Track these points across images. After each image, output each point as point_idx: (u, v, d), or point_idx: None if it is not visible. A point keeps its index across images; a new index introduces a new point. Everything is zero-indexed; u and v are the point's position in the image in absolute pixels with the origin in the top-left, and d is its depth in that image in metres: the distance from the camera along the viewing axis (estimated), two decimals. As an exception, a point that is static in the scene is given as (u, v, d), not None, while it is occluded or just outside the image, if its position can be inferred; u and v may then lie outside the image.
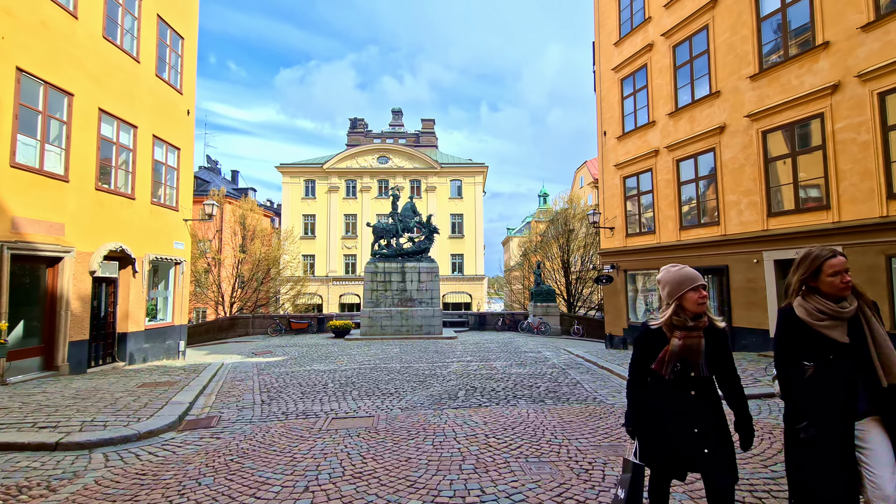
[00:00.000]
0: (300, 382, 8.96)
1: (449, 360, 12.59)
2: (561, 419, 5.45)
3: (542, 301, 24.27)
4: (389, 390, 7.81)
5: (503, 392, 7.40)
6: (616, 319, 15.95)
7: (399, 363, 12.03)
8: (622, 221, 15.61)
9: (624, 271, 15.59)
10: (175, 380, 9.20)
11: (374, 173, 39.67)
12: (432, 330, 21.22)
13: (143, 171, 12.26)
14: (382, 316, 21.13)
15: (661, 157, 13.98)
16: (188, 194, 14.40)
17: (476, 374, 9.63)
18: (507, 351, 14.89)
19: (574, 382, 8.32)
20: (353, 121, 44.75)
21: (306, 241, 38.53)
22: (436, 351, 15.19)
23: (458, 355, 13.76)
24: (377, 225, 22.47)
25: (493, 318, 25.45)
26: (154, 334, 12.81)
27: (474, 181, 39.92)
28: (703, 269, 12.63)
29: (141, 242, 12.14)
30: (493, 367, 10.61)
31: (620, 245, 15.67)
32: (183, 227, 14.03)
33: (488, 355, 13.61)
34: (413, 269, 21.62)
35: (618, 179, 15.81)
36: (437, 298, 21.80)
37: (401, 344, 17.80)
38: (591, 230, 30.47)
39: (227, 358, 15.05)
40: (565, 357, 13.09)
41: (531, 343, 18.01)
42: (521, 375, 9.25)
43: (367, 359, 13.19)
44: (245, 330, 23.80)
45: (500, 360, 12.19)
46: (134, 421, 5.38)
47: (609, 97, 16.35)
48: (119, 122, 11.38)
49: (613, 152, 16.06)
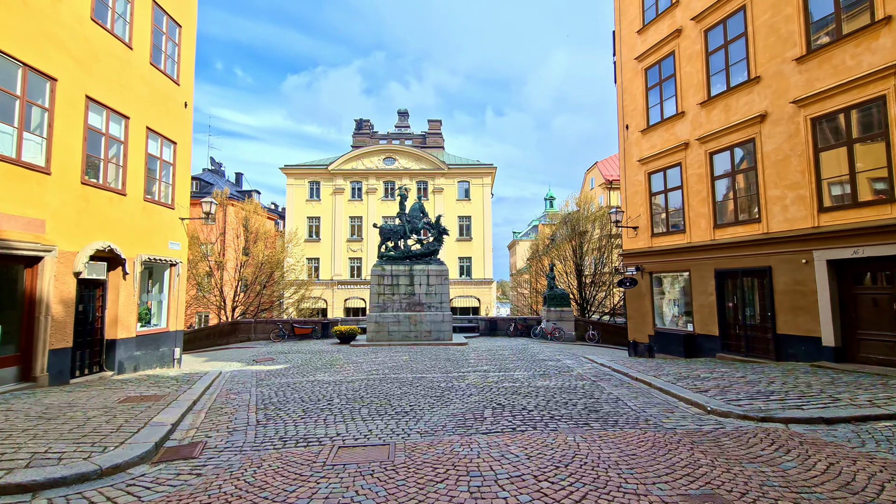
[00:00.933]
0: (302, 397, 7.99)
1: (464, 369, 11.59)
2: (620, 451, 4.44)
3: (556, 305, 23.20)
4: (404, 407, 6.83)
5: (536, 411, 6.40)
6: (640, 325, 14.89)
7: (410, 373, 11.05)
8: (647, 220, 14.58)
9: (649, 273, 14.55)
10: (164, 392, 8.26)
11: (380, 174, 38.83)
12: (442, 336, 20.22)
13: (136, 166, 11.41)
14: (390, 321, 20.17)
15: (692, 150, 12.96)
16: (185, 192, 13.54)
17: (498, 387, 8.62)
18: (524, 359, 13.87)
19: (613, 399, 7.30)
20: (359, 122, 43.99)
21: (311, 243, 37.69)
22: (447, 359, 14.20)
23: (472, 364, 12.75)
24: (384, 226, 21.56)
25: (505, 323, 24.42)
26: (147, 341, 11.90)
27: (482, 182, 38.97)
28: (742, 271, 11.59)
29: (132, 242, 11.26)
30: (514, 379, 9.60)
31: (645, 246, 14.64)
32: (179, 227, 13.16)
33: (505, 364, 12.59)
34: (422, 272, 20.66)
35: (642, 176, 14.80)
36: (447, 302, 20.81)
37: (409, 351, 16.81)
38: (605, 232, 29.42)
39: (226, 366, 14.13)
40: (589, 366, 12.05)
41: (547, 350, 16.97)
42: (550, 389, 8.23)
43: (375, 367, 12.21)
44: (247, 335, 22.91)
45: (519, 370, 11.17)
46: (98, 451, 4.43)
47: (631, 88, 15.37)
48: (109, 111, 10.54)
49: (637, 147, 15.07)
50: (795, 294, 10.30)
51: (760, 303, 11.33)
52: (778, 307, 10.67)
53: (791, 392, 6.87)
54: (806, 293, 10.09)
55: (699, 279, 12.74)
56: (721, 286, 12.18)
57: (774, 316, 10.73)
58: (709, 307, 12.44)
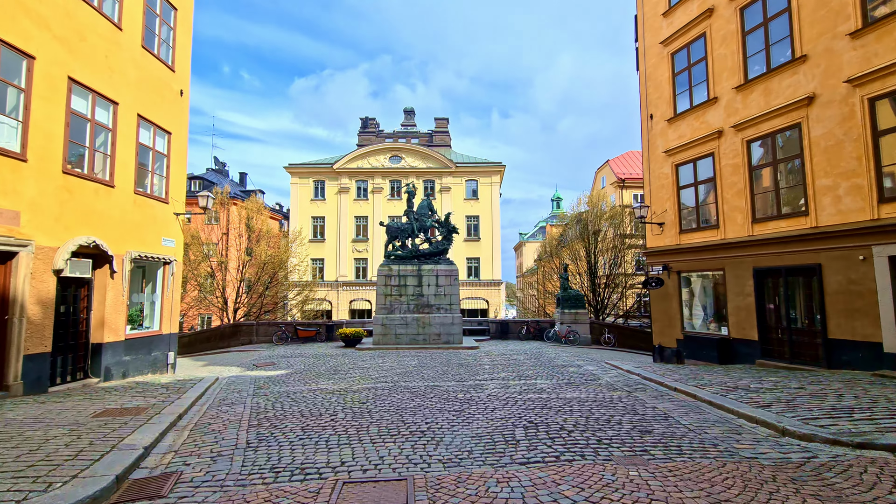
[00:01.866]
0: (302, 409, 7.07)
1: (479, 376, 10.62)
2: (708, 495, 3.45)
3: (571, 307, 22.16)
4: (419, 425, 5.88)
5: (578, 432, 5.42)
6: (667, 329, 13.85)
7: (421, 380, 10.10)
8: (674, 216, 13.55)
9: (677, 273, 13.52)
10: (149, 403, 7.36)
11: (387, 173, 37.98)
12: (452, 339, 19.25)
13: (125, 156, 10.56)
14: (397, 323, 19.23)
15: (726, 138, 11.94)
16: (181, 185, 12.69)
17: (523, 399, 7.65)
18: (543, 365, 12.87)
19: (661, 415, 6.31)
20: (364, 120, 43.20)
21: (315, 244, 36.88)
22: (460, 364, 13.23)
23: (487, 370, 11.78)
24: (391, 224, 20.63)
25: (516, 325, 23.42)
26: (137, 345, 11.04)
27: (490, 181, 38.01)
28: (786, 269, 10.54)
29: (121, 238, 10.41)
30: (539, 389, 8.62)
31: (672, 243, 13.61)
32: (174, 222, 12.31)
33: (524, 371, 11.61)
34: (430, 272, 19.72)
35: (668, 168, 13.78)
36: (457, 304, 19.85)
37: (418, 355, 15.86)
38: (620, 231, 28.36)
39: (224, 371, 13.26)
40: (615, 374, 11.05)
41: (564, 355, 15.95)
42: (584, 403, 7.24)
43: (383, 374, 11.28)
44: (249, 338, 22.06)
45: (541, 378, 10.19)
46: (39, 489, 3.51)
47: (656, 75, 14.37)
48: (95, 95, 9.70)
49: (662, 137, 14.06)
50: (851, 295, 9.25)
51: (807, 304, 10.28)
52: (829, 309, 9.62)
53: (875, 409, 5.86)
54: (863, 293, 9.04)
55: (735, 279, 11.70)
56: (760, 286, 11.14)
57: (825, 319, 9.68)
58: (746, 309, 11.40)
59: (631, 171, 37.68)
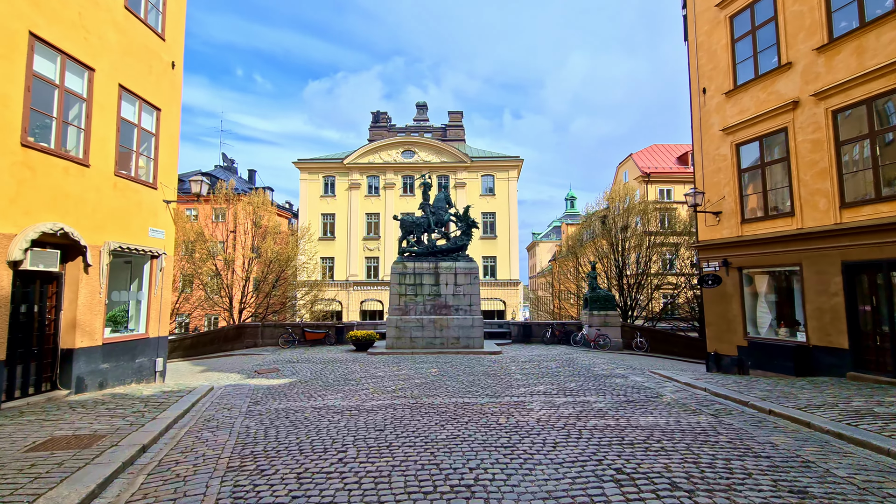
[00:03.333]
0: (302, 440, 5.49)
1: (515, 390, 8.96)
2: None
3: (600, 309, 20.36)
4: (461, 473, 4.24)
5: (703, 496, 3.69)
6: (725, 334, 12.03)
7: (447, 394, 8.47)
8: (734, 203, 11.74)
9: (737, 269, 11.70)
10: (112, 428, 5.85)
11: (399, 168, 36.46)
12: (472, 343, 17.61)
13: (104, 131, 9.12)
14: (412, 325, 17.65)
15: (804, 109, 10.12)
16: (172, 169, 11.24)
17: (586, 426, 5.97)
18: (581, 375, 11.17)
19: (791, 457, 4.59)
20: (376, 114, 41.74)
21: (325, 242, 35.50)
22: (486, 373, 11.59)
23: (521, 382, 10.12)
24: (405, 218, 19.05)
25: (540, 328, 21.66)
26: (118, 350, 9.58)
27: (508, 176, 36.28)
28: (888, 263, 8.70)
29: (98, 226, 8.97)
30: (598, 412, 6.93)
31: (732, 234, 11.79)
32: (163, 211, 10.86)
33: (564, 383, 9.92)
34: (448, 270, 18.10)
35: (727, 148, 11.98)
36: (477, 305, 18.20)
37: (437, 361, 14.25)
38: (650, 226, 26.45)
39: (222, 378, 11.80)
40: (673, 388, 9.32)
41: (599, 362, 14.21)
42: (669, 434, 5.54)
43: (401, 385, 9.68)
44: (253, 340, 20.66)
45: (591, 394, 8.49)
46: None
47: (710, 43, 12.57)
48: (65, 58, 8.26)
49: (718, 114, 12.25)
50: (985, 294, 7.40)
51: (917, 306, 8.43)
52: (952, 312, 7.77)
53: None
54: None
55: (816, 275, 9.87)
56: (851, 283, 9.30)
57: (946, 324, 7.83)
58: (832, 311, 9.56)
59: (657, 165, 35.66)
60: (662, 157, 37.28)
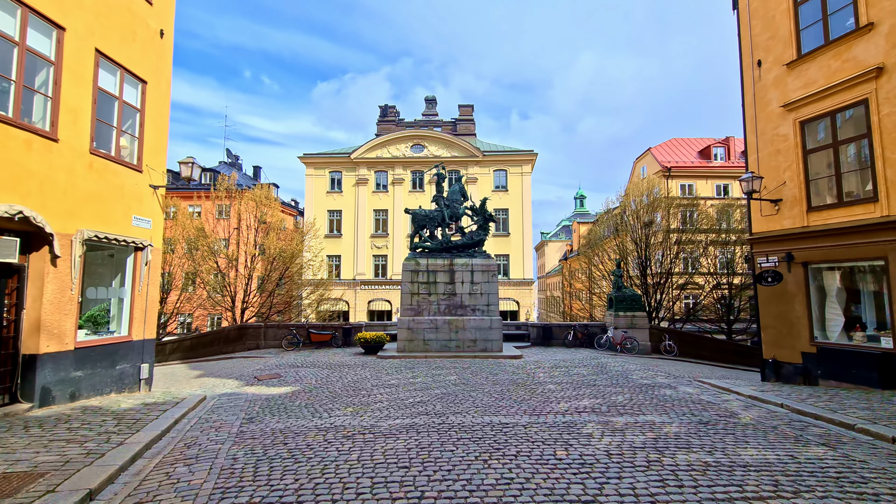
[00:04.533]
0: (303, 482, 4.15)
1: (555, 405, 7.58)
2: None
3: (626, 310, 18.90)
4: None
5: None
6: (785, 338, 10.55)
7: (476, 411, 7.11)
8: (799, 189, 10.26)
9: (802, 265, 10.22)
10: (62, 460, 4.55)
11: (408, 163, 35.14)
12: (489, 346, 16.24)
13: (76, 101, 7.86)
14: (425, 327, 16.31)
15: (891, 76, 8.64)
16: (159, 151, 9.97)
17: (681, 468, 4.58)
18: (622, 385, 9.78)
19: None
20: (384, 108, 40.46)
21: (331, 239, 34.25)
22: (513, 382, 10.22)
23: (556, 393, 8.75)
24: (418, 212, 17.70)
25: (561, 331, 20.22)
26: (95, 356, 8.31)
27: (521, 171, 34.84)
28: None
29: (70, 211, 7.71)
30: (677, 441, 5.53)
31: (795, 225, 10.32)
32: (150, 197, 9.59)
33: (609, 395, 8.53)
34: (464, 267, 16.75)
35: (789, 127, 10.50)
36: (496, 305, 16.83)
37: (454, 366, 12.89)
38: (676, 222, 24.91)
39: (217, 386, 10.54)
40: (740, 403, 7.91)
41: (633, 367, 12.78)
42: (803, 479, 4.15)
43: (418, 397, 8.33)
44: (256, 342, 19.42)
45: (650, 412, 7.10)
46: None
47: (766, 8, 11.10)
48: (26, 10, 7.00)
49: (778, 88, 10.78)
50: None
51: None
52: None
53: None
54: None
55: (907, 271, 8.39)
56: (956, 281, 7.82)
57: None
58: (929, 313, 8.08)
59: (677, 160, 34.05)
60: (683, 152, 35.67)
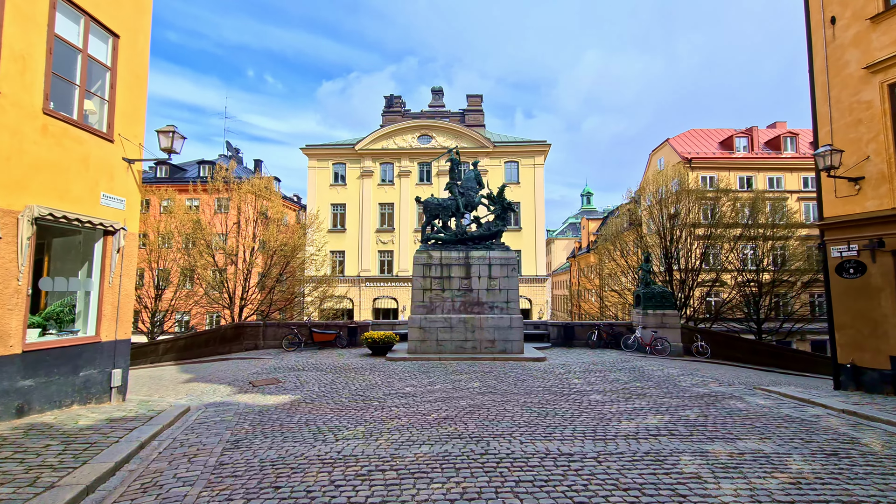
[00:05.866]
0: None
1: (613, 423, 6.08)
2: None
3: (656, 307, 17.36)
4: None
5: None
6: (868, 340, 9.00)
7: (520, 432, 5.61)
8: (888, 164, 8.70)
9: (892, 253, 8.66)
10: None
11: (415, 154, 33.62)
12: (509, 347, 14.75)
13: (25, 47, 6.39)
14: (439, 326, 14.83)
15: None
16: (135, 119, 8.50)
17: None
18: (677, 394, 8.27)
19: None
20: (389, 98, 38.93)
21: (335, 234, 32.80)
22: (547, 390, 8.74)
23: (605, 405, 7.24)
24: (430, 200, 16.20)
25: (584, 330, 18.67)
26: (52, 360, 6.86)
27: (533, 163, 33.27)
28: None
29: (17, 182, 6.25)
30: (820, 482, 4.02)
31: (883, 206, 8.76)
32: (124, 172, 8.13)
33: (674, 409, 7.02)
34: (481, 260, 15.27)
35: (873, 91, 8.93)
36: (515, 302, 15.32)
37: (473, 370, 11.42)
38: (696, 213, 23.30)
39: (206, 393, 9.13)
40: (840, 421, 6.43)
41: (675, 372, 11.28)
42: None
43: (443, 412, 6.83)
44: (254, 342, 17.99)
45: (745, 435, 5.58)
46: None
47: (844, -44, 9.52)
48: (-47, -74, 5.53)
49: (858, 48, 9.21)
50: None
51: None
52: None
53: None
54: None
55: None
56: None
57: None
58: None
59: (698, 150, 32.39)
60: (703, 142, 34.00)
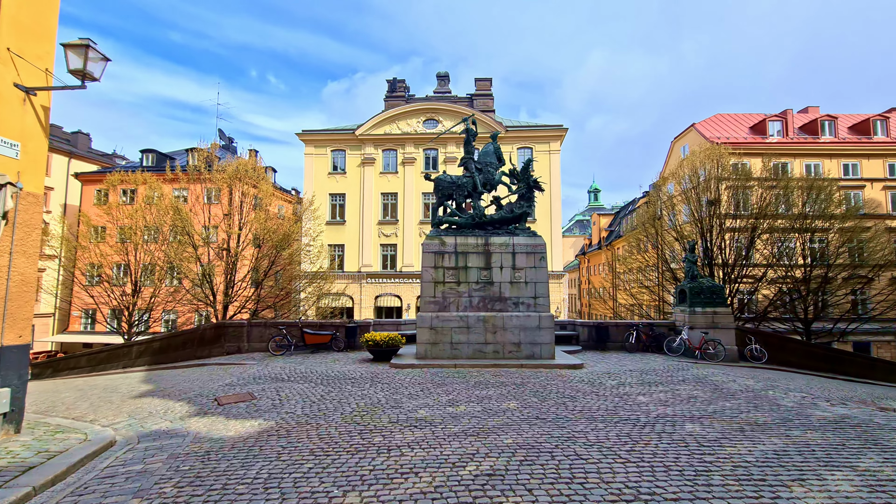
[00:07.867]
0: None
1: (765, 487, 3.55)
2: None
3: (705, 305, 14.85)
4: None
5: None
6: None
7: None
8: None
9: None
10: None
11: (420, 140, 31.12)
12: (538, 351, 12.29)
13: None
14: (453, 326, 12.37)
15: None
16: (39, 33, 6.03)
17: None
18: (794, 421, 5.79)
19: None
20: (392, 82, 36.39)
21: (334, 226, 30.34)
22: (611, 413, 6.26)
23: (720, 444, 4.73)
24: (442, 178, 13.72)
25: (620, 330, 16.11)
26: None
27: (549, 149, 30.76)
28: None
29: None
30: None
31: None
32: (18, 105, 5.66)
33: (843, 454, 4.48)
34: (503, 248, 12.82)
35: None
36: (545, 296, 12.87)
37: (500, 381, 8.92)
38: (748, 198, 20.73)
39: (153, 415, 6.74)
40: None
41: (758, 384, 8.82)
42: None
43: (483, 463, 4.30)
44: (237, 344, 15.53)
45: None
46: None
47: None
48: None
49: None
50: None
51: None
52: None
53: None
54: None
55: None
56: None
57: None
58: None
59: (728, 136, 29.82)
60: (732, 127, 31.44)
